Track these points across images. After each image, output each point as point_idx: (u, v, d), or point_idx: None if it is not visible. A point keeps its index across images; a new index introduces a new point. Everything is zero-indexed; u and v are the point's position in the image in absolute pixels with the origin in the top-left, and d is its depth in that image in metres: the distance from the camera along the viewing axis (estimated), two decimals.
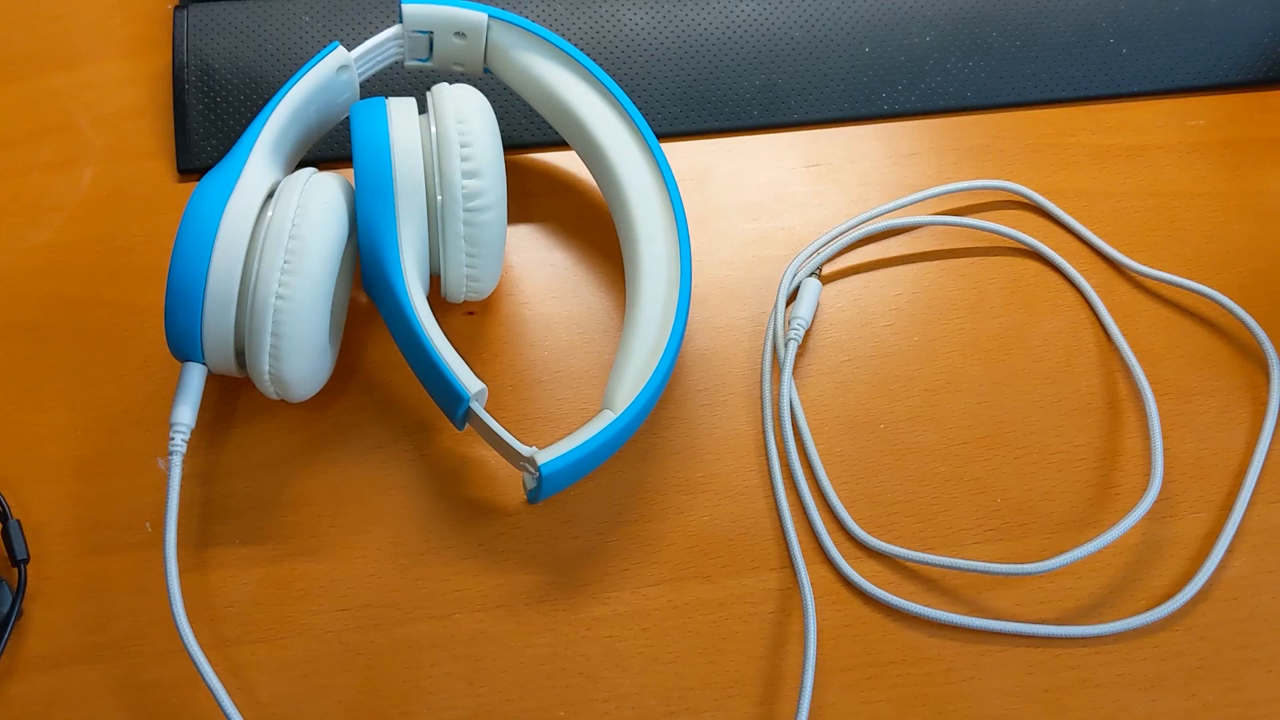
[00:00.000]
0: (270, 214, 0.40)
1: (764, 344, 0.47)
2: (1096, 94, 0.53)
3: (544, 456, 0.40)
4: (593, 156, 0.46)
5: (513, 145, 0.50)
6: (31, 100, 0.51)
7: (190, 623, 0.40)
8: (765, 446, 0.44)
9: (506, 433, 0.40)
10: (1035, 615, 0.42)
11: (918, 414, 0.45)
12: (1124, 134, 0.52)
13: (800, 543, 0.43)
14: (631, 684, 0.40)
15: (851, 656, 0.41)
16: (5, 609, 0.40)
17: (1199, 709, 0.40)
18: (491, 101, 0.50)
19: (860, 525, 0.43)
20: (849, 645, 0.41)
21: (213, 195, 0.40)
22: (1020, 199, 0.50)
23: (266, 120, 0.42)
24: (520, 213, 0.49)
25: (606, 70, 0.51)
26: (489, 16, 0.46)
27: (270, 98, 0.48)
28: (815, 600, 0.42)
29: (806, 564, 0.42)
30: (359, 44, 0.46)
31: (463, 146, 0.41)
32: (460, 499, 0.43)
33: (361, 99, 0.47)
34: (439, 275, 0.43)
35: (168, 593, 0.38)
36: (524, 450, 0.40)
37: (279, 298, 0.39)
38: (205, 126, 0.49)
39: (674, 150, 0.51)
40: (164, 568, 0.38)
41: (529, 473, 0.41)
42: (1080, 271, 0.48)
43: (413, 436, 0.44)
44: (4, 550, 0.42)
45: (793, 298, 0.48)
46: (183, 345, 0.40)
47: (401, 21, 0.45)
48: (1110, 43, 0.53)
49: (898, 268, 0.49)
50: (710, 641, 0.41)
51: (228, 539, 0.42)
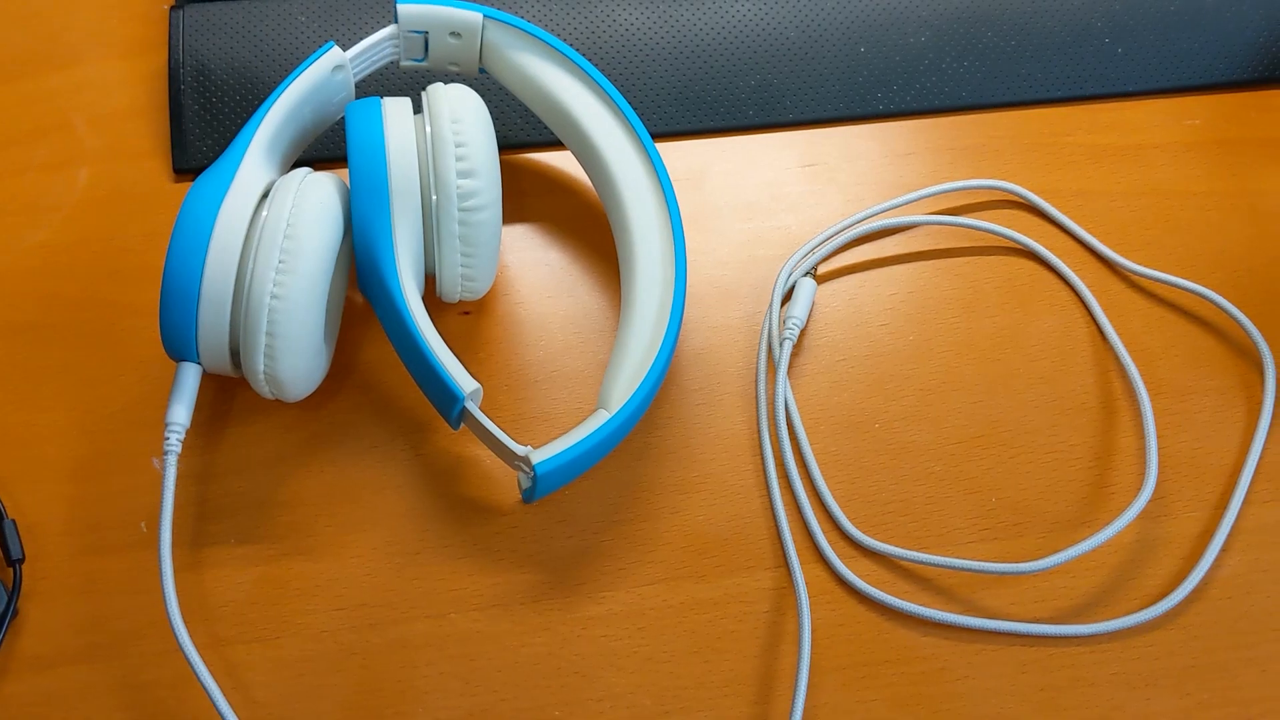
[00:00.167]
0: (265, 214, 0.40)
1: (759, 343, 0.47)
2: (1092, 93, 0.53)
3: (539, 456, 0.40)
4: (588, 156, 0.46)
5: (508, 145, 0.50)
6: (28, 100, 0.51)
7: (186, 622, 0.40)
8: (760, 446, 0.44)
9: (501, 432, 0.40)
10: (1030, 614, 0.42)
11: (913, 413, 0.45)
12: (1119, 133, 0.52)
13: (795, 542, 0.43)
14: (627, 683, 0.40)
15: (846, 655, 0.41)
16: (1, 609, 0.40)
17: (1193, 708, 0.40)
18: (487, 101, 0.50)
19: (855, 524, 0.43)
20: (844, 644, 0.41)
21: (207, 195, 0.40)
22: (1015, 198, 0.50)
23: (261, 120, 0.42)
24: (516, 212, 0.49)
25: (602, 70, 0.51)
26: (484, 16, 0.46)
27: (266, 98, 0.48)
28: (810, 599, 0.42)
29: (801, 563, 0.42)
30: (354, 44, 0.46)
31: (457, 146, 0.41)
32: (456, 498, 0.43)
33: (357, 99, 0.47)
34: (434, 275, 0.43)
35: (163, 593, 0.38)
36: (519, 450, 0.40)
37: (274, 297, 0.39)
38: (201, 127, 0.49)
39: (670, 150, 0.51)
40: (159, 568, 0.38)
41: (524, 472, 0.41)
42: (1075, 271, 0.48)
43: (408, 436, 0.44)
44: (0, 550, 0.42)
45: (788, 297, 0.48)
46: (178, 345, 0.40)
47: (396, 21, 0.45)
48: (1106, 42, 0.53)
49: (893, 267, 0.49)
50: (705, 641, 0.41)
51: (223, 538, 0.42)
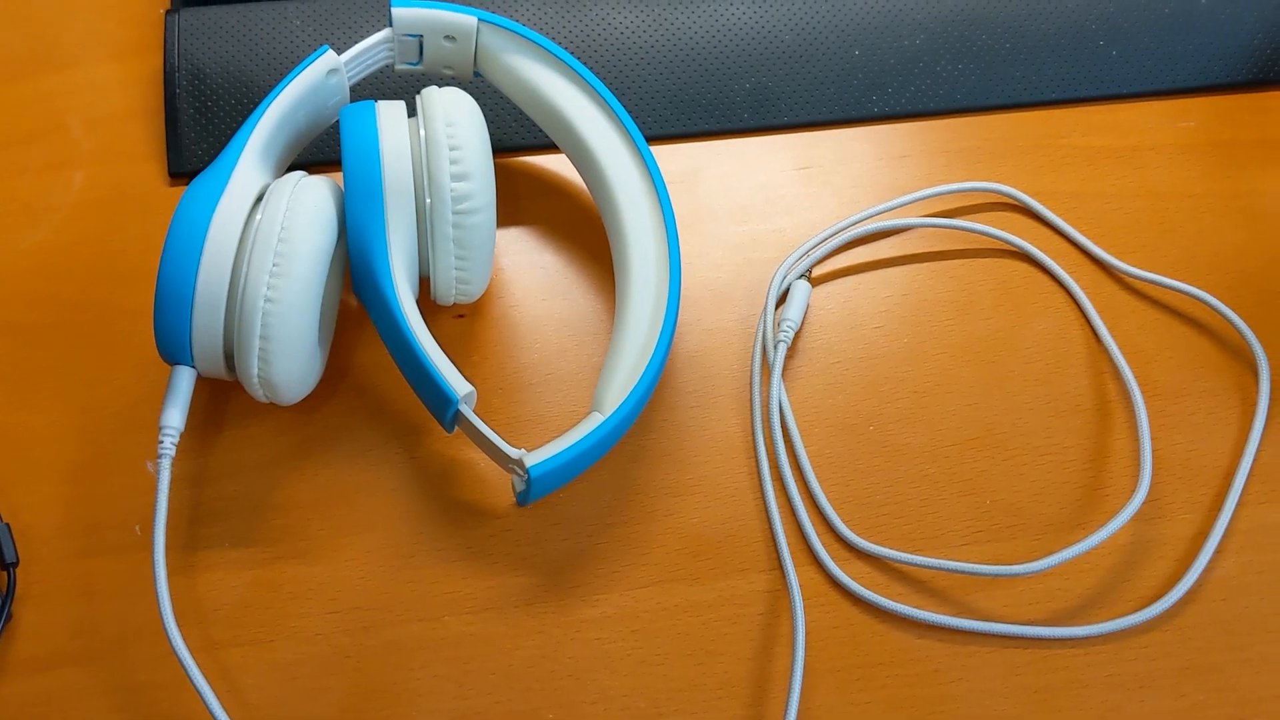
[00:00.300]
0: (259, 217, 0.40)
1: (754, 346, 0.47)
2: (1087, 96, 0.53)
3: (533, 459, 0.40)
4: (582, 159, 0.46)
5: (503, 148, 0.50)
6: (24, 102, 0.51)
7: (179, 625, 0.40)
8: (755, 448, 0.44)
9: (495, 435, 0.40)
10: (1024, 616, 0.42)
11: (907, 416, 0.45)
12: (1114, 136, 0.52)
13: (789, 544, 0.43)
14: (620, 685, 0.40)
15: (840, 658, 0.41)
16: None
17: (1188, 709, 0.40)
18: (482, 105, 0.50)
19: (849, 527, 0.43)
20: (838, 646, 0.41)
21: (202, 199, 0.40)
22: (1010, 201, 0.50)
23: (256, 124, 0.42)
24: (510, 215, 0.49)
25: (597, 73, 0.51)
26: (478, 20, 0.46)
27: (261, 101, 0.48)
28: (804, 602, 0.42)
29: (795, 565, 0.42)
30: (349, 48, 0.46)
31: (452, 149, 0.41)
32: (450, 501, 0.43)
33: (351, 102, 0.47)
34: (429, 278, 0.43)
35: (156, 596, 0.38)
36: (513, 452, 0.40)
37: (268, 300, 0.39)
38: (196, 130, 0.50)
39: (665, 153, 0.51)
40: (153, 571, 0.38)
41: (518, 475, 0.41)
42: (1069, 273, 0.48)
43: (402, 439, 0.44)
44: None
45: (783, 300, 0.48)
46: (172, 348, 0.40)
47: (391, 25, 0.45)
48: (1100, 44, 0.53)
49: (887, 270, 0.49)
50: (699, 643, 0.41)
51: (217, 542, 0.42)
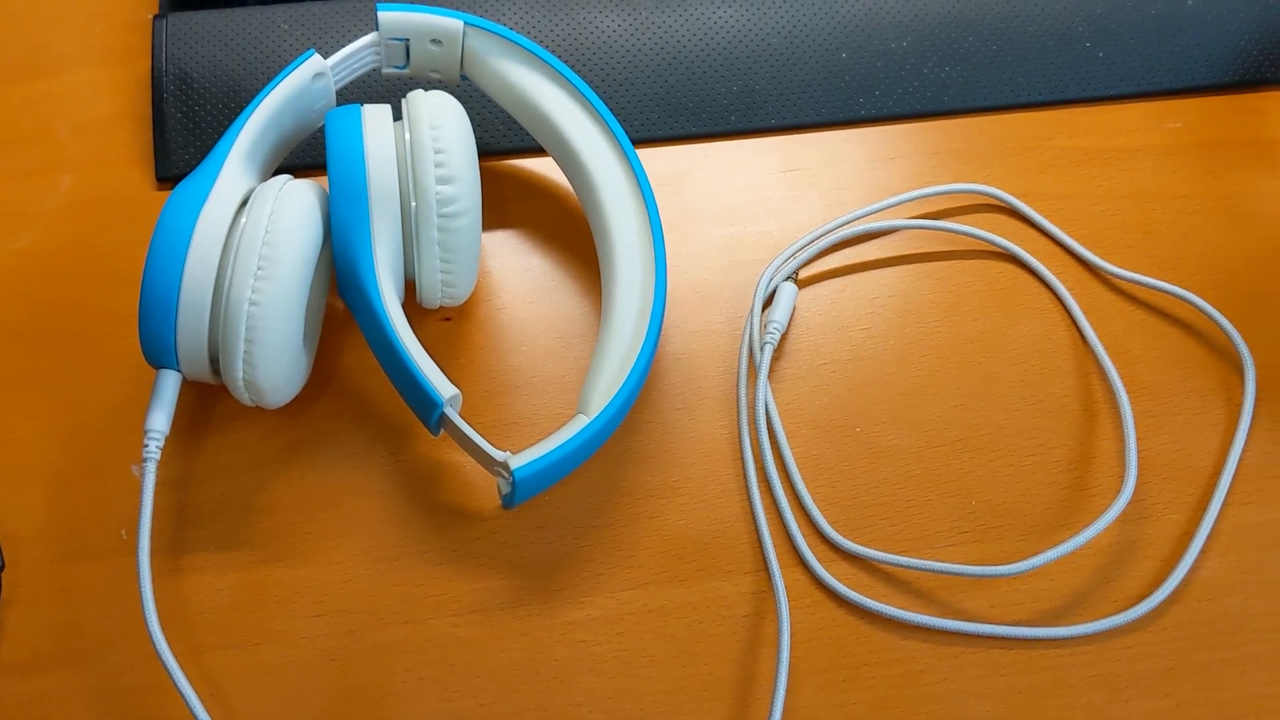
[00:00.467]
0: (244, 221, 0.40)
1: (740, 348, 0.47)
2: (1074, 97, 0.53)
3: (517, 461, 0.40)
4: (568, 162, 0.46)
5: (490, 151, 0.50)
6: (12, 108, 0.51)
7: (164, 629, 0.41)
8: (740, 450, 0.44)
9: (480, 437, 0.40)
10: (1009, 617, 0.42)
11: (893, 417, 0.45)
12: (1101, 137, 0.52)
13: (775, 546, 0.43)
14: (606, 688, 0.40)
15: (825, 659, 0.41)
16: None
17: (1172, 709, 0.40)
18: (469, 108, 0.51)
19: (835, 528, 0.43)
20: (823, 648, 0.41)
21: (186, 203, 0.40)
22: (997, 202, 0.50)
23: (241, 128, 0.42)
24: (497, 218, 0.49)
25: (584, 76, 0.51)
26: (464, 23, 0.46)
27: (246, 105, 0.48)
28: (789, 603, 0.42)
29: (781, 567, 0.42)
30: (336, 52, 0.46)
31: (437, 153, 0.41)
32: (436, 504, 0.43)
33: (338, 106, 0.47)
34: (415, 281, 0.43)
35: (141, 599, 0.38)
36: (497, 455, 0.40)
37: (252, 304, 0.39)
38: (184, 135, 0.50)
39: (652, 155, 0.51)
40: (137, 574, 0.38)
41: (503, 477, 0.41)
42: (1056, 274, 0.49)
43: (388, 442, 0.44)
44: None
45: (769, 302, 0.48)
46: (157, 352, 0.40)
47: (378, 29, 0.46)
48: (1087, 46, 0.53)
49: (874, 271, 0.49)
50: (684, 645, 0.41)
51: (203, 545, 0.42)
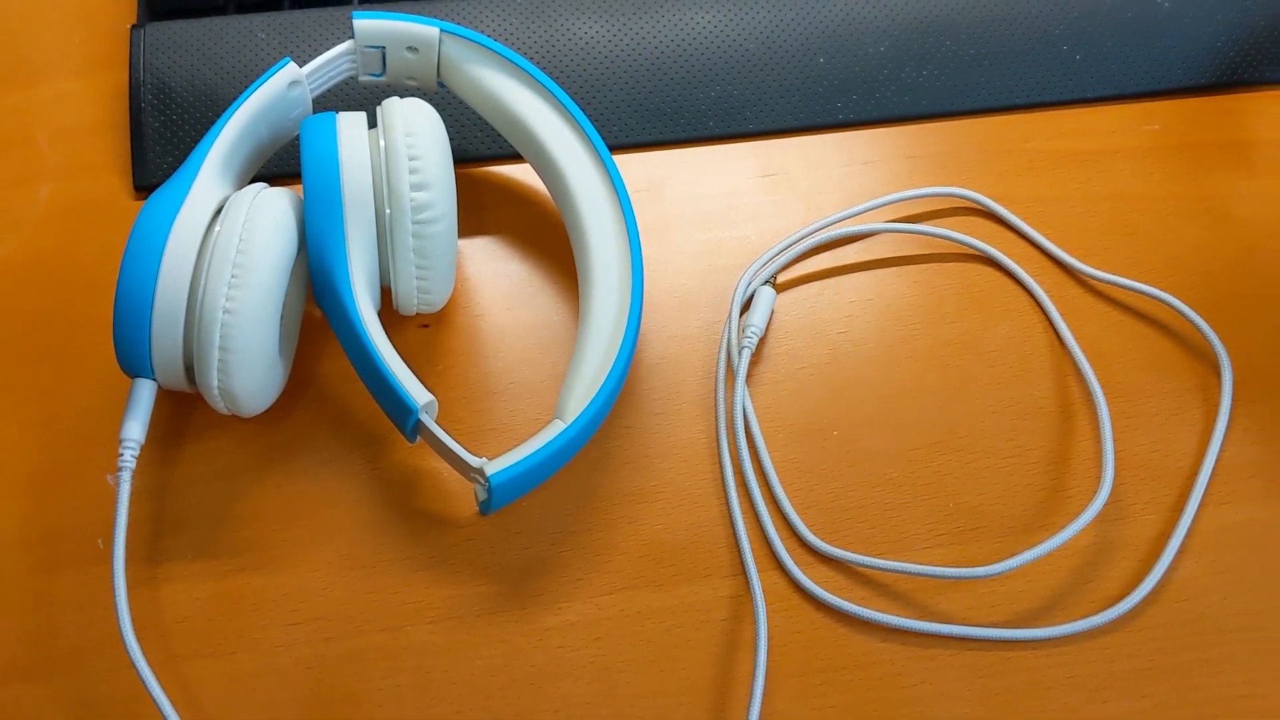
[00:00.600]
0: (218, 229, 0.40)
1: (718, 352, 0.47)
2: (1051, 100, 0.53)
3: (493, 467, 0.40)
4: (545, 168, 0.46)
5: (468, 158, 0.50)
6: None
7: (140, 638, 0.40)
8: (719, 454, 0.44)
9: (456, 444, 0.40)
10: (986, 619, 0.42)
11: (871, 420, 0.46)
12: (1079, 139, 0.52)
13: (753, 549, 0.43)
14: (582, 693, 0.40)
15: (803, 662, 0.41)
16: None
17: (1149, 709, 0.40)
18: (446, 115, 0.51)
19: (812, 531, 0.43)
20: (800, 651, 0.41)
21: (161, 211, 0.40)
22: (974, 205, 0.50)
23: (217, 136, 0.42)
24: (475, 225, 0.49)
25: (563, 83, 0.52)
26: (440, 31, 0.46)
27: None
28: (767, 606, 0.42)
29: (759, 570, 0.42)
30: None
31: (411, 159, 0.41)
32: (413, 511, 0.43)
33: (314, 114, 0.47)
34: (391, 288, 0.43)
35: (115, 607, 0.38)
36: (473, 461, 0.40)
37: (226, 312, 0.39)
38: (162, 143, 0.50)
39: (631, 161, 0.51)
40: (112, 582, 0.38)
41: (479, 484, 0.41)
42: (1033, 276, 0.49)
43: (365, 449, 0.44)
44: None
45: (747, 306, 0.48)
46: (132, 360, 0.40)
47: (354, 37, 0.46)
48: (1064, 49, 0.54)
49: (852, 275, 0.49)
50: (662, 650, 0.41)
51: (180, 553, 0.42)
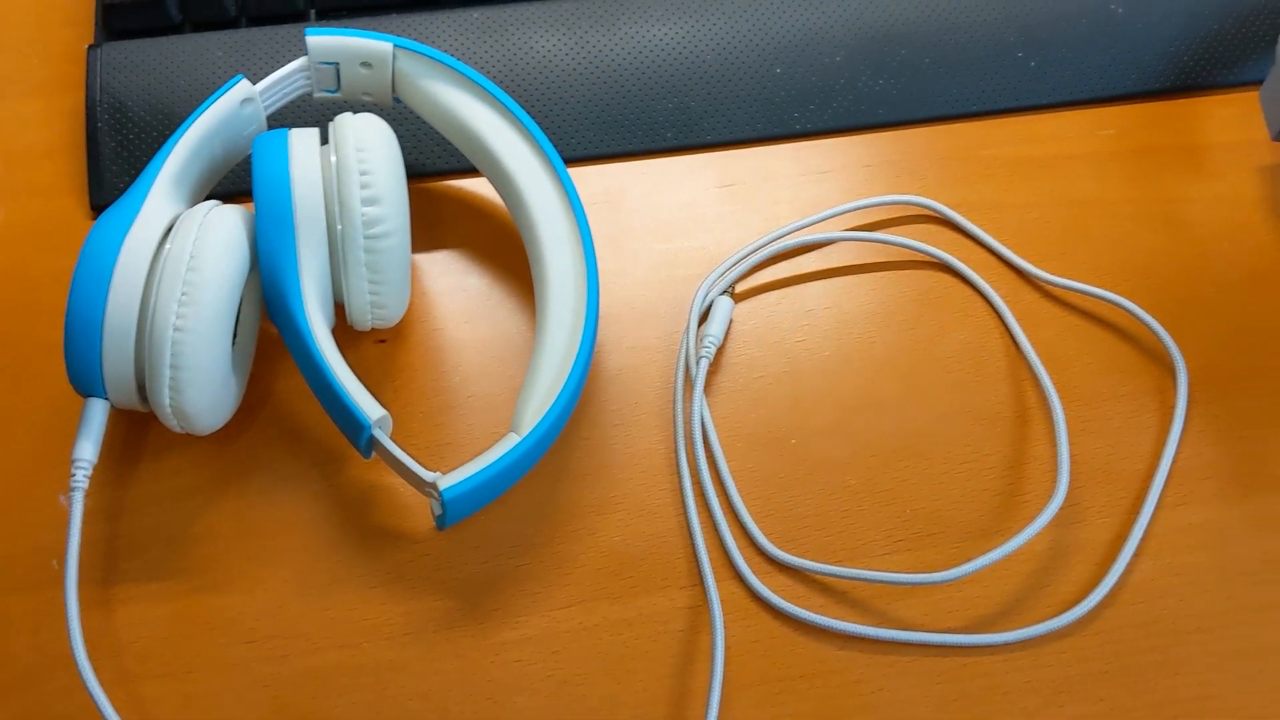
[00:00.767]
0: (169, 246, 0.40)
1: (676, 363, 0.47)
2: (1006, 107, 0.53)
3: (446, 481, 0.40)
4: (501, 182, 0.46)
5: (424, 172, 0.50)
6: None
7: (94, 659, 0.40)
8: (677, 464, 0.45)
9: (409, 459, 0.40)
10: (943, 624, 0.42)
11: (829, 428, 0.46)
12: (1035, 145, 0.53)
13: (710, 559, 0.43)
14: (538, 707, 0.40)
15: (760, 671, 0.41)
16: None
17: (1106, 713, 0.40)
18: (402, 130, 0.51)
19: (770, 540, 0.43)
20: (757, 660, 0.41)
21: (111, 229, 0.40)
22: (931, 213, 0.51)
23: (168, 154, 0.43)
24: (433, 239, 0.49)
25: (519, 97, 0.52)
26: (394, 46, 0.46)
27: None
28: (724, 616, 0.42)
29: (716, 580, 0.42)
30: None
31: (362, 174, 0.41)
32: (369, 528, 0.43)
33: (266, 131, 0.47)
34: (345, 304, 0.43)
35: (68, 628, 0.38)
36: (427, 476, 0.40)
37: (176, 330, 0.39)
38: (118, 164, 0.50)
39: (589, 173, 0.51)
40: (65, 604, 0.38)
41: (434, 498, 0.41)
42: (989, 282, 0.49)
43: (322, 466, 0.44)
44: None
45: (705, 316, 0.48)
46: (83, 379, 0.40)
47: (307, 54, 0.46)
48: (1019, 56, 0.54)
49: (810, 284, 0.49)
50: (619, 661, 0.41)
51: (135, 574, 0.42)
